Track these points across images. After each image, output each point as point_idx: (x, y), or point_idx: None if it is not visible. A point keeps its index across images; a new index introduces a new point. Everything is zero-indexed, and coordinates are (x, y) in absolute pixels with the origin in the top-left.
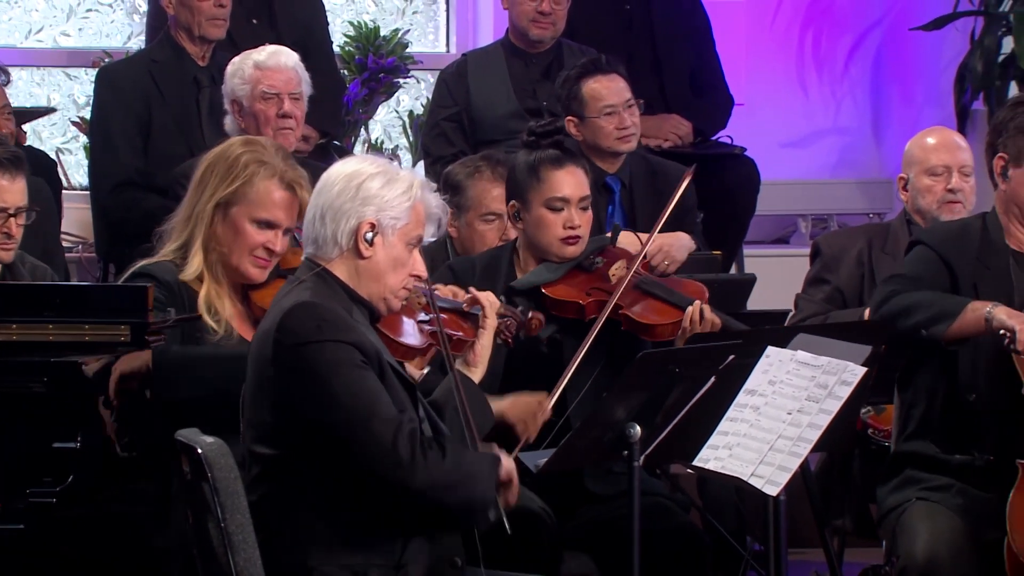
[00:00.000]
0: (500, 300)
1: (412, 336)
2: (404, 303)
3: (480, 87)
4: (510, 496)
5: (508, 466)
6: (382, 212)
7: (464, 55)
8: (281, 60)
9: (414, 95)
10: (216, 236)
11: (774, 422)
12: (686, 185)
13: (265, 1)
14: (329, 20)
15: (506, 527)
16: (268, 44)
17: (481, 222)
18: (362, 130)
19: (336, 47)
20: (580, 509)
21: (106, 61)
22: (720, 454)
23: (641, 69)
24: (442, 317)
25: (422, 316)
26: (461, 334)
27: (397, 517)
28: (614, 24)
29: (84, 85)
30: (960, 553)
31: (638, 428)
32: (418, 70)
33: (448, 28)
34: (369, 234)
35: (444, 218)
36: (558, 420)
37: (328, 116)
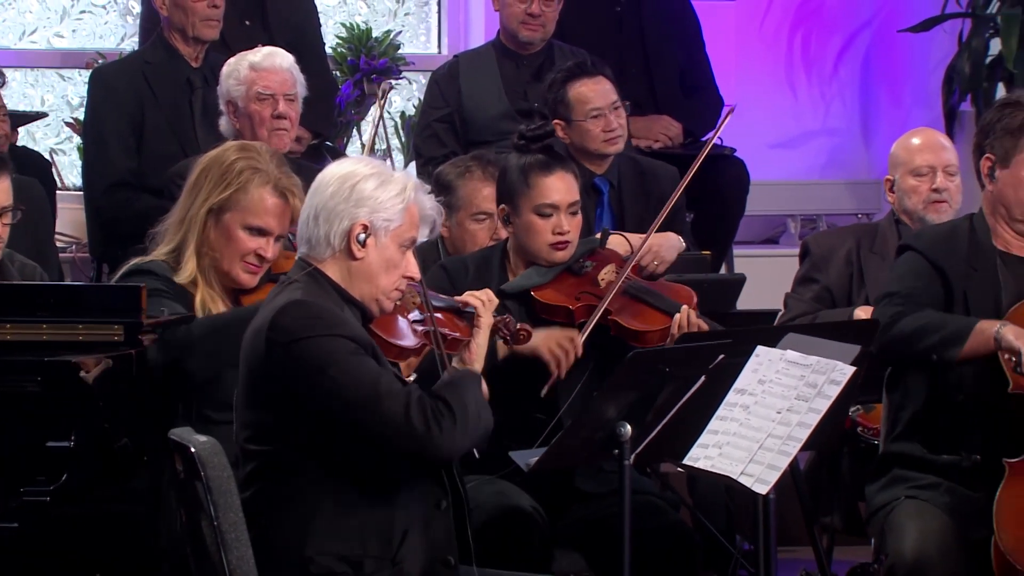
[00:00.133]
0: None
1: (405, 336)
2: (398, 303)
3: (471, 88)
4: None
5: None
6: (375, 214)
7: (456, 56)
8: (276, 61)
9: (406, 96)
10: (209, 241)
11: (764, 421)
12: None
13: (258, 2)
14: (321, 21)
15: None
16: (261, 45)
17: (472, 222)
18: (354, 131)
19: (328, 48)
20: (571, 508)
21: (99, 62)
22: (710, 453)
23: (631, 70)
24: (437, 316)
25: (415, 315)
26: (457, 333)
27: (393, 509)
28: (605, 26)
29: (78, 86)
30: (948, 551)
31: (629, 427)
32: (410, 71)
33: (440, 29)
34: (362, 235)
35: (439, 220)
36: (550, 419)
37: (320, 117)
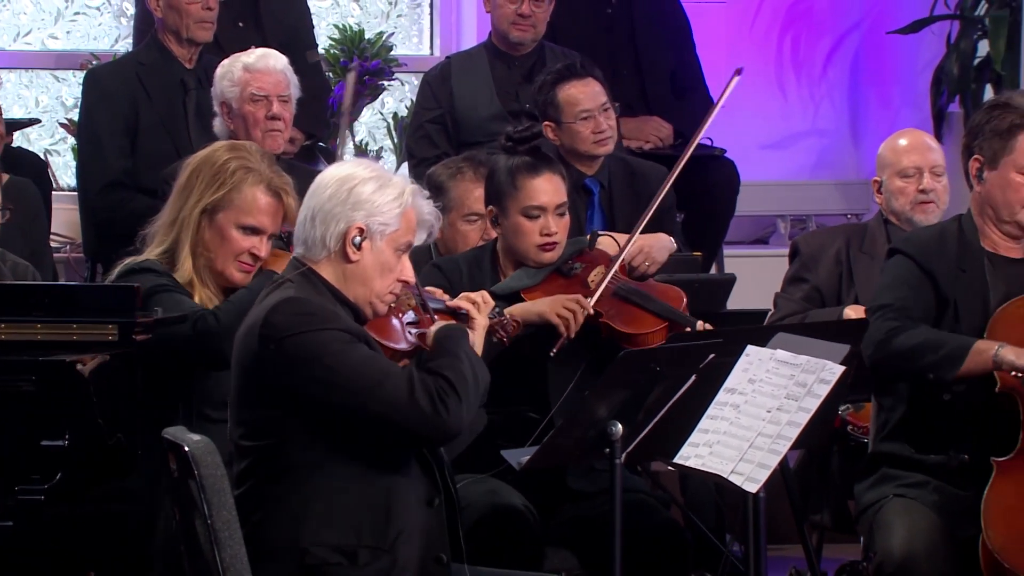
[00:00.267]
0: None
1: (399, 338)
2: (392, 306)
3: (463, 89)
4: None
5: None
6: (372, 217)
7: (447, 58)
8: (270, 63)
9: (398, 97)
10: (203, 241)
11: (754, 420)
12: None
13: (251, 4)
14: (314, 23)
15: None
16: (255, 47)
17: (464, 222)
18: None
19: (321, 50)
20: (563, 506)
21: (94, 64)
22: (701, 452)
23: (622, 71)
24: (433, 318)
25: (409, 318)
26: None
27: (388, 503)
28: (596, 27)
29: (72, 88)
30: (936, 549)
31: (620, 426)
32: (402, 72)
33: (432, 31)
34: (357, 238)
35: (436, 225)
36: (542, 418)
37: (313, 118)
